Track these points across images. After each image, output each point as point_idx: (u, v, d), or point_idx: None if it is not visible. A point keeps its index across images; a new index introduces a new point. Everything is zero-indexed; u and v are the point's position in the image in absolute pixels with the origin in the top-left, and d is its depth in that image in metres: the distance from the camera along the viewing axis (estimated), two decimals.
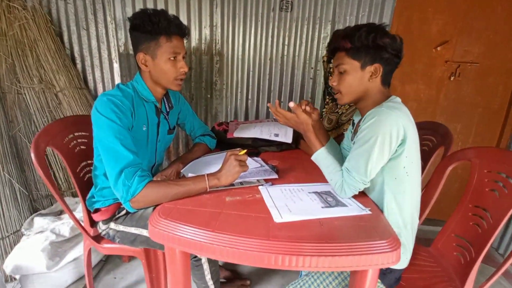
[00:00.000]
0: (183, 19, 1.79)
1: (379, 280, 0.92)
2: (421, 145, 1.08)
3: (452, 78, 1.92)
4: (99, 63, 1.90)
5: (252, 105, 1.94)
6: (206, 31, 1.82)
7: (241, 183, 1.00)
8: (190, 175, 1.02)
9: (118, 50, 1.86)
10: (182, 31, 1.00)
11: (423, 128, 1.27)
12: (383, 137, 0.82)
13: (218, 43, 1.84)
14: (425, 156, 1.27)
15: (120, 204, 1.08)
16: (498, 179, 0.99)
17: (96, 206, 1.09)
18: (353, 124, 1.12)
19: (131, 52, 1.85)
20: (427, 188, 1.20)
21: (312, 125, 1.00)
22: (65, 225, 1.38)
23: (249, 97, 1.92)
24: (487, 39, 1.81)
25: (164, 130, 1.17)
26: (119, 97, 0.94)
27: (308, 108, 1.04)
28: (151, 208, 1.08)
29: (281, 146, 1.42)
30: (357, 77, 0.91)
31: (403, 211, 0.89)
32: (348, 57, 0.91)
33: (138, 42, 0.97)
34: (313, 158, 1.01)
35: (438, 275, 1.08)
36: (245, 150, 0.96)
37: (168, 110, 1.17)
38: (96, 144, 0.96)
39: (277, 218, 0.77)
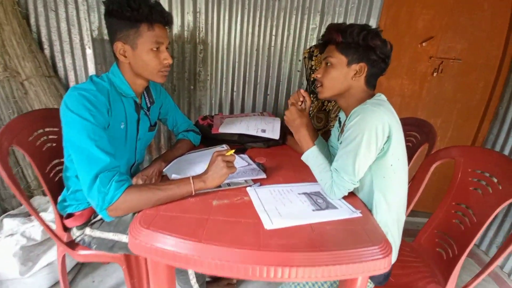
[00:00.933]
0: (164, 3, 1.66)
1: (369, 280, 0.92)
2: (406, 141, 1.09)
3: (435, 74, 1.95)
4: (69, 48, 1.73)
5: (237, 97, 1.86)
6: (189, 18, 1.71)
7: (228, 184, 0.96)
8: (174, 176, 0.96)
9: (91, 35, 1.70)
10: (165, 19, 0.90)
11: (407, 124, 1.28)
12: (369, 134, 0.81)
13: (202, 30, 1.73)
14: (409, 152, 1.27)
15: None
16: (482, 178, 1.01)
17: (69, 210, 1.00)
18: (339, 122, 1.10)
19: (106, 37, 1.69)
20: (411, 185, 1.22)
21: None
22: (36, 228, 1.27)
23: (235, 89, 1.85)
24: (471, 36, 1.84)
25: (145, 127, 1.09)
26: (92, 91, 0.84)
27: (302, 105, 1.03)
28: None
29: (268, 142, 1.37)
30: (342, 73, 0.91)
31: (392, 209, 0.89)
32: (338, 51, 0.90)
33: (115, 29, 0.87)
34: (303, 157, 0.98)
35: (421, 271, 1.11)
36: (232, 150, 0.91)
37: (149, 105, 1.09)
38: (66, 144, 0.87)
39: (267, 225, 0.74)
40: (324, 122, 1.40)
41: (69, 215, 1.01)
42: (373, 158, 0.84)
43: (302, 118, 0.99)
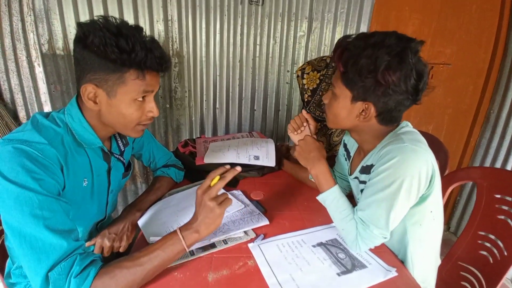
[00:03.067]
0: (128, 10, 1.42)
1: None
2: None
3: (428, 81, 1.87)
4: (15, 67, 1.43)
5: (220, 115, 1.66)
6: (159, 27, 1.48)
7: (224, 241, 0.75)
8: (152, 239, 0.74)
9: (41, 50, 1.42)
10: (162, 66, 0.66)
11: None
12: (411, 181, 0.64)
13: (175, 41, 1.51)
14: None
15: None
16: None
17: None
18: (346, 149, 0.94)
19: (59, 52, 1.43)
20: None
21: None
22: None
23: (217, 105, 1.64)
24: (459, 39, 1.78)
25: (118, 175, 0.85)
26: (36, 144, 0.58)
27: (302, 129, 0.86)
28: None
29: (262, 169, 1.19)
30: (346, 108, 0.73)
31: (430, 259, 0.75)
32: (341, 81, 0.71)
33: (88, 67, 0.62)
34: (320, 198, 0.80)
35: None
36: (217, 178, 0.67)
37: (122, 149, 0.84)
38: (3, 221, 0.58)
39: None
40: (326, 146, 1.24)
41: None
42: (411, 206, 0.68)
43: (320, 150, 0.82)
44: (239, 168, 0.69)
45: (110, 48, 0.58)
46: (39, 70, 1.46)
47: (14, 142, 0.57)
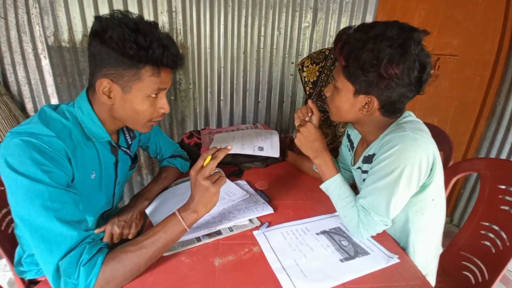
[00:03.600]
0: (132, 2, 1.42)
1: None
2: None
3: (432, 71, 1.85)
4: (21, 59, 1.45)
5: (225, 107, 1.67)
6: (163, 18, 1.48)
7: (230, 228, 0.77)
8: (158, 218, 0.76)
9: (46, 42, 1.43)
10: (177, 64, 0.67)
11: None
12: (411, 168, 0.65)
13: (180, 33, 1.51)
14: None
15: None
16: None
17: (29, 276, 0.78)
18: (349, 139, 0.95)
19: (64, 44, 1.44)
20: None
21: None
22: None
23: (221, 97, 1.65)
24: (466, 30, 1.75)
25: (125, 168, 0.86)
26: (44, 137, 0.59)
27: (308, 119, 0.87)
28: None
29: (266, 160, 1.20)
30: (348, 102, 0.72)
31: (431, 247, 0.76)
32: (343, 75, 0.70)
33: (105, 63, 0.62)
34: (323, 187, 0.82)
35: None
36: (209, 158, 0.67)
37: (130, 142, 0.86)
38: (13, 214, 0.59)
39: None
40: (330, 137, 1.24)
41: (32, 282, 0.79)
42: (412, 194, 0.69)
43: (323, 139, 0.82)
44: (230, 147, 0.69)
45: (129, 44, 0.59)
46: (45, 63, 1.47)
47: (22, 134, 0.57)
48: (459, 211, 2.05)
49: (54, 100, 1.54)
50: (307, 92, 1.19)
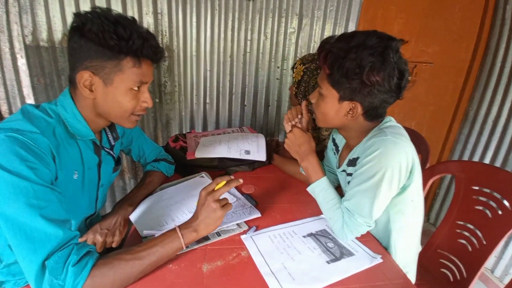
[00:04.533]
0: (116, 3, 1.39)
1: None
2: None
3: (409, 78, 1.94)
4: None
5: (211, 110, 1.66)
6: (148, 20, 1.46)
7: (217, 233, 0.77)
8: (146, 232, 0.75)
9: (24, 41, 1.36)
10: (157, 56, 0.69)
11: None
12: (392, 171, 0.68)
13: (165, 35, 1.49)
14: None
15: None
16: (490, 197, 0.95)
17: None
18: (334, 143, 0.98)
19: (43, 43, 1.39)
20: None
21: None
22: None
23: (207, 101, 1.64)
24: (442, 39, 1.85)
25: (109, 169, 0.85)
26: (29, 134, 0.58)
27: (297, 121, 0.90)
28: None
29: (252, 164, 1.21)
30: (333, 108, 0.75)
31: (411, 246, 0.80)
32: (328, 82, 0.73)
33: (85, 55, 0.62)
34: (309, 189, 0.84)
35: None
36: (223, 182, 0.71)
37: (113, 143, 0.84)
38: None
39: None
40: (316, 140, 1.27)
41: None
42: (393, 196, 0.72)
43: (310, 142, 0.85)
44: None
45: (108, 35, 0.59)
46: (21, 62, 1.40)
47: (6, 130, 0.56)
48: (435, 211, 2.15)
49: (30, 102, 1.47)
50: (294, 92, 1.21)
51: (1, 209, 0.52)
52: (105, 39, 0.60)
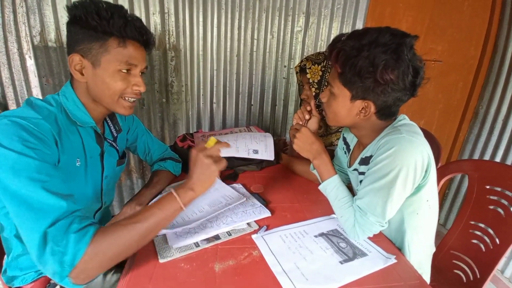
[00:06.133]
0: (123, 2, 1.39)
1: None
2: None
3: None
4: (6, 60, 1.39)
5: (217, 110, 1.66)
6: (155, 19, 1.46)
7: (228, 233, 0.76)
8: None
9: (32, 42, 1.38)
10: (144, 38, 0.70)
11: None
12: (407, 170, 0.66)
13: (172, 34, 1.49)
14: None
15: None
16: (503, 197, 0.93)
17: (16, 284, 0.74)
18: (345, 142, 0.96)
19: (51, 44, 1.40)
20: None
21: None
22: None
23: (214, 100, 1.64)
24: (451, 37, 1.83)
25: (112, 162, 0.85)
26: (31, 119, 0.60)
27: (307, 116, 0.89)
28: (99, 277, 0.77)
29: (261, 163, 1.20)
30: (345, 107, 0.74)
31: (426, 247, 0.78)
32: (339, 81, 0.72)
33: (75, 39, 0.66)
34: (321, 188, 0.83)
35: None
36: (212, 138, 0.70)
37: (115, 135, 0.85)
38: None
39: None
40: (322, 131, 1.26)
41: None
42: (407, 195, 0.70)
43: (320, 141, 0.84)
44: (230, 144, 0.72)
45: (91, 16, 0.63)
46: (30, 63, 1.42)
47: (10, 117, 0.59)
48: (444, 212, 2.12)
49: None
50: (314, 93, 1.19)
51: (4, 185, 0.53)
52: (88, 20, 0.63)
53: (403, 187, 0.68)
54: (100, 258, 0.54)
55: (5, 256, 0.78)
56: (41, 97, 1.46)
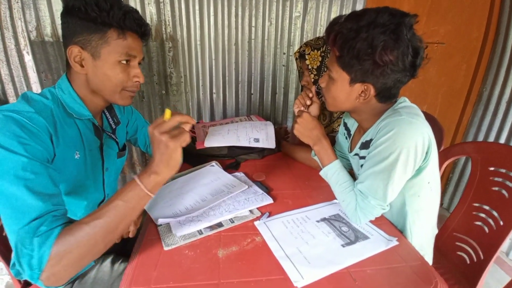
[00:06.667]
0: None
1: None
2: None
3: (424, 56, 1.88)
4: (4, 56, 1.39)
5: (217, 100, 1.65)
6: (151, 9, 1.44)
7: (231, 220, 0.77)
8: (161, 220, 0.75)
9: (29, 37, 1.37)
10: (142, 29, 0.71)
11: None
12: (407, 152, 0.66)
13: (168, 24, 1.47)
14: None
15: None
16: (506, 178, 0.92)
17: (24, 277, 0.76)
18: (346, 127, 0.96)
19: (47, 38, 1.39)
20: None
21: None
22: None
23: (214, 90, 1.63)
24: (453, 18, 1.78)
25: (112, 154, 0.85)
26: (25, 113, 0.60)
27: (308, 102, 0.89)
28: (107, 267, 0.79)
29: (262, 152, 1.20)
30: (344, 91, 0.73)
31: (427, 229, 0.78)
32: (338, 65, 0.71)
33: (72, 31, 0.66)
34: (322, 173, 0.83)
35: (445, 278, 1.03)
36: (169, 112, 0.59)
37: (114, 127, 0.85)
38: None
39: (298, 282, 0.57)
40: (327, 120, 1.26)
41: (27, 283, 0.77)
42: (408, 177, 0.70)
43: (320, 126, 0.84)
44: (194, 121, 0.63)
45: (90, 7, 0.63)
46: (28, 59, 1.41)
47: (3, 111, 0.59)
48: (448, 195, 2.12)
49: None
50: (312, 80, 1.18)
51: None
52: (87, 12, 0.63)
53: (404, 170, 0.68)
54: (66, 261, 0.52)
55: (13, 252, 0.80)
56: None
